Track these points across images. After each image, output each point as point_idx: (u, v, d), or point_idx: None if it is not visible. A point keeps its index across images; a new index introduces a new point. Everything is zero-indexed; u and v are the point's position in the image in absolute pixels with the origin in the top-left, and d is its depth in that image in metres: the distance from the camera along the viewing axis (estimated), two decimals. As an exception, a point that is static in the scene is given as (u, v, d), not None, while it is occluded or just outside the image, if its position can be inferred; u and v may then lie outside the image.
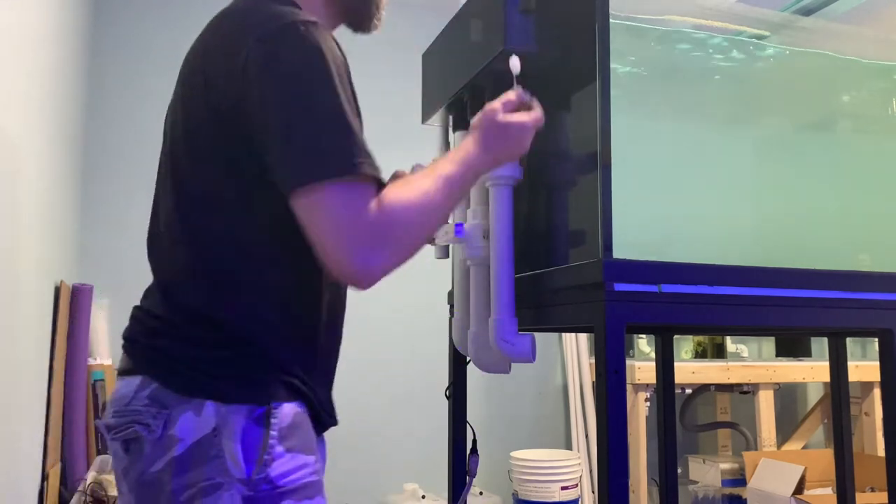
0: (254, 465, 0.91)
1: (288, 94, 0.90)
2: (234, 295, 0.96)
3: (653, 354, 2.46)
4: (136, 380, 0.95)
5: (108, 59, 3.07)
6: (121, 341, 1.01)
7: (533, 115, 1.09)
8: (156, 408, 0.92)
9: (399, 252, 0.92)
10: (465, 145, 1.05)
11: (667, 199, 1.29)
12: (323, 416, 1.04)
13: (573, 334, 3.47)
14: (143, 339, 0.98)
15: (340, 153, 0.89)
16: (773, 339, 3.16)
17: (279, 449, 0.93)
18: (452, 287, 1.50)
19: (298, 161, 0.89)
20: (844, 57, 1.45)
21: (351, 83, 0.98)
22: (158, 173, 1.09)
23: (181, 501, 0.90)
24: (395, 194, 0.92)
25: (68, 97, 2.49)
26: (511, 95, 1.10)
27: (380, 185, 0.92)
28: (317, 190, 0.88)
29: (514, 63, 1.15)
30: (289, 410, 0.96)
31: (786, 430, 3.41)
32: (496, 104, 1.08)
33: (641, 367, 2.93)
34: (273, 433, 0.93)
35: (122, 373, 0.98)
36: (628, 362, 2.94)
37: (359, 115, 0.98)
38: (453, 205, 1.00)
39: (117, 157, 3.04)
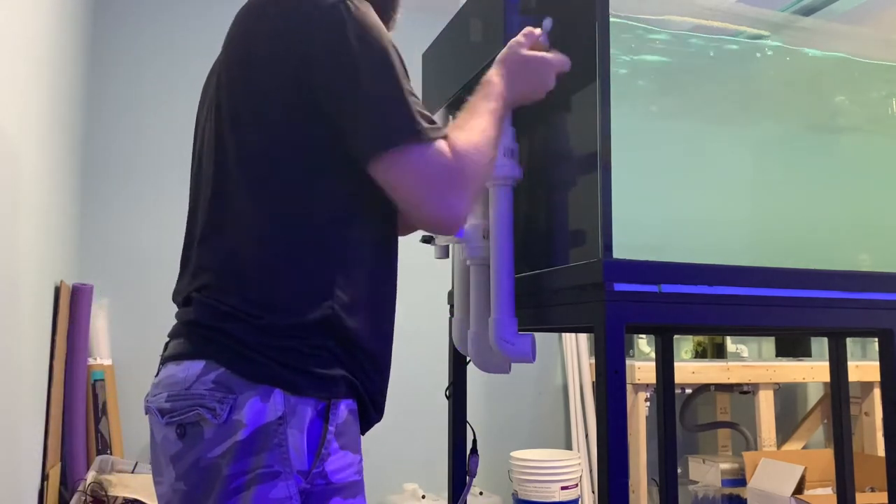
0: (314, 458, 0.92)
1: (358, 70, 0.94)
2: (303, 286, 0.95)
3: (653, 354, 2.46)
4: (197, 364, 0.93)
5: (108, 59, 3.07)
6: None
7: (556, 55, 1.14)
8: (221, 392, 0.91)
9: (476, 189, 1.00)
10: (492, 79, 1.10)
11: (667, 199, 1.29)
12: (370, 413, 1.04)
13: (573, 334, 3.47)
14: (209, 323, 0.95)
15: (413, 119, 0.94)
16: (773, 339, 3.16)
17: (335, 445, 0.95)
18: (452, 287, 1.50)
19: (378, 130, 0.94)
20: (844, 57, 1.45)
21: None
22: (194, 171, 1.08)
23: (234, 487, 0.89)
24: (462, 141, 0.98)
25: (68, 98, 2.49)
26: (535, 29, 1.16)
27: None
28: (402, 152, 0.93)
29: (547, 24, 1.19)
30: (345, 407, 0.97)
31: (786, 430, 3.41)
32: (520, 37, 1.14)
33: (641, 367, 2.93)
34: (331, 428, 0.94)
35: (176, 357, 0.96)
36: (628, 362, 2.94)
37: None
38: (500, 136, 1.08)
39: (117, 157, 3.04)
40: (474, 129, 1.01)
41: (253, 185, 0.97)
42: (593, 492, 3.28)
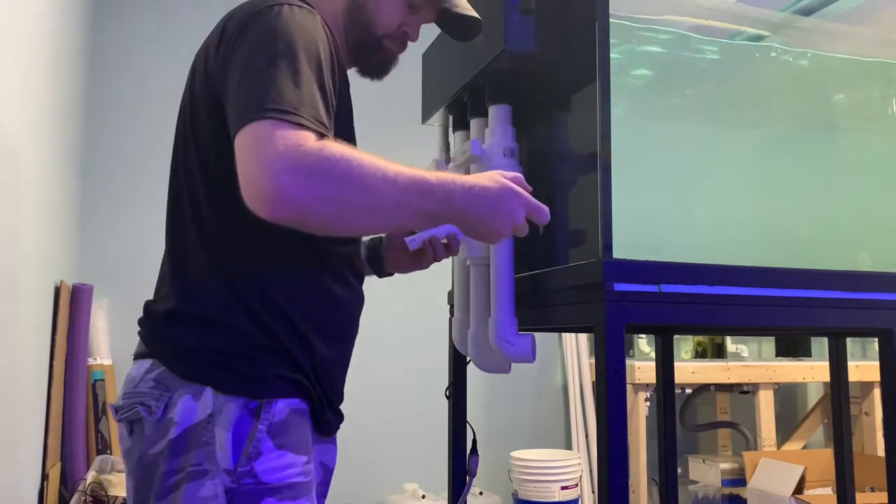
0: (240, 457, 0.92)
1: (247, 58, 0.90)
2: (248, 285, 0.97)
3: (653, 354, 2.45)
4: (146, 363, 0.97)
5: (108, 59, 3.07)
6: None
7: (537, 203, 0.99)
8: (159, 390, 0.94)
9: (323, 190, 0.81)
10: (448, 174, 0.93)
11: (667, 199, 1.29)
12: (327, 415, 1.04)
13: (573, 334, 3.47)
14: (153, 326, 1.00)
15: (288, 102, 0.84)
16: (773, 339, 3.16)
17: (268, 444, 0.93)
18: (452, 287, 1.50)
19: (243, 107, 0.85)
20: (845, 57, 1.45)
21: (335, 66, 0.97)
22: (171, 167, 1.10)
23: (169, 485, 0.91)
24: (343, 150, 0.84)
25: (69, 97, 2.49)
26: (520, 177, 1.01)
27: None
28: (256, 124, 0.83)
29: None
30: (283, 406, 0.96)
31: (786, 430, 3.41)
32: (507, 172, 0.99)
33: (641, 367, 2.93)
34: (262, 427, 0.93)
35: (136, 356, 1.00)
36: (628, 362, 2.94)
37: (336, 98, 0.96)
38: (405, 202, 0.87)
39: (117, 157, 3.04)
40: (370, 156, 0.86)
41: (183, 191, 1.01)
42: (593, 492, 3.28)
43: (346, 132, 1.02)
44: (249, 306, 0.96)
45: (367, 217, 0.87)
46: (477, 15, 1.19)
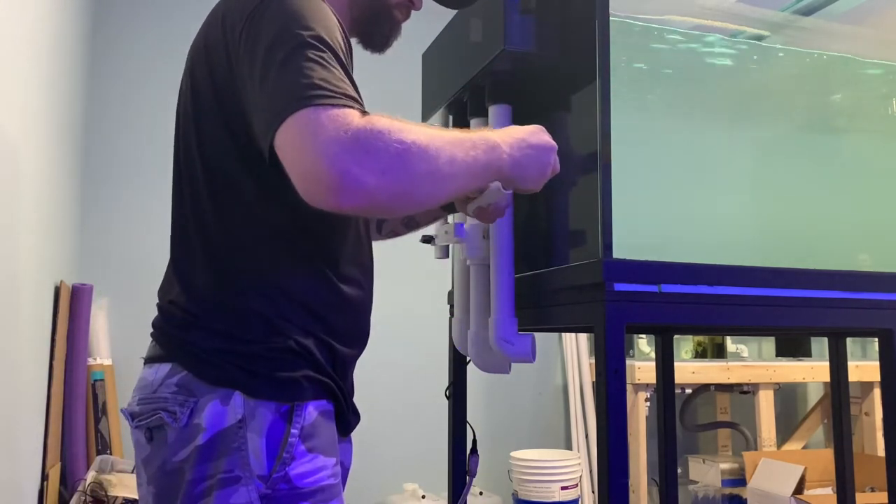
0: (274, 462, 0.90)
1: (265, 56, 0.85)
2: (261, 291, 0.94)
3: (653, 354, 2.45)
4: (164, 367, 0.93)
5: (108, 59, 3.07)
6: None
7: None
8: (183, 395, 0.90)
9: (389, 169, 0.78)
10: (488, 130, 0.96)
11: (667, 199, 1.29)
12: (348, 414, 1.03)
13: (573, 334, 3.47)
14: (173, 330, 0.96)
15: (323, 85, 0.80)
16: (773, 339, 3.16)
17: (300, 448, 0.91)
18: (452, 287, 1.49)
19: (278, 102, 0.81)
20: (844, 57, 1.45)
21: (349, 51, 0.95)
22: (173, 170, 1.08)
23: (197, 493, 0.88)
24: (388, 121, 0.81)
25: (68, 97, 2.49)
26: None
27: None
28: (298, 115, 0.78)
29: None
30: (313, 409, 0.94)
31: (786, 430, 3.41)
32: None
33: (641, 367, 2.93)
34: (295, 431, 0.91)
35: (150, 360, 0.97)
36: (628, 362, 2.94)
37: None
38: (458, 160, 0.85)
39: (117, 157, 3.04)
40: (418, 126, 0.84)
41: (197, 195, 0.98)
42: (593, 492, 3.28)
43: None
44: (266, 310, 0.94)
45: (430, 184, 0.83)
46: None
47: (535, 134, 0.99)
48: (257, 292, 0.94)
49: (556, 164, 1.02)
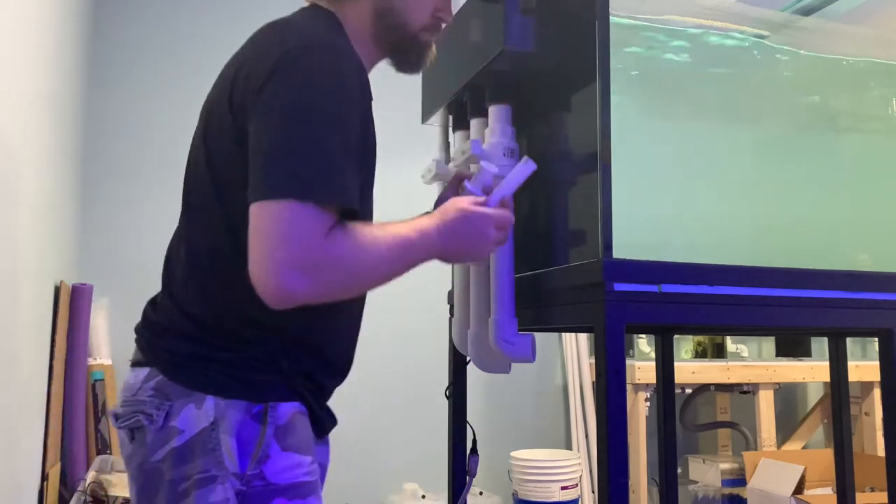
0: (248, 461, 0.94)
1: (279, 115, 0.90)
2: (230, 297, 0.97)
3: (653, 354, 2.45)
4: (144, 371, 0.98)
5: (108, 61, 3.07)
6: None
7: (499, 212, 1.05)
8: (159, 399, 0.95)
9: (324, 288, 0.91)
10: (425, 221, 1.01)
11: (667, 199, 1.29)
12: (322, 418, 1.05)
13: (573, 334, 3.47)
14: (149, 335, 1.01)
15: (314, 177, 0.88)
16: (773, 339, 3.16)
17: (275, 447, 0.95)
18: (452, 287, 1.49)
19: (269, 175, 0.88)
20: (844, 57, 1.45)
21: (364, 101, 0.97)
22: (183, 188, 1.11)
23: (179, 492, 0.92)
24: (349, 235, 0.91)
25: (68, 99, 2.49)
26: (481, 199, 1.06)
27: (345, 216, 0.92)
28: (272, 204, 0.87)
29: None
30: (287, 409, 0.98)
31: (786, 430, 3.41)
32: (466, 198, 1.05)
33: (641, 367, 2.93)
34: (269, 431, 0.95)
35: (133, 364, 1.01)
36: (628, 362, 2.94)
37: (367, 138, 0.98)
38: (396, 270, 0.96)
39: (117, 157, 3.04)
40: (371, 239, 0.93)
41: (187, 205, 1.03)
42: (593, 492, 3.28)
43: (369, 168, 1.03)
44: (245, 316, 0.96)
45: (360, 290, 1.00)
46: None
47: (471, 221, 1.02)
48: (233, 295, 0.96)
49: (502, 240, 1.08)
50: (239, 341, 0.97)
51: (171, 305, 1.01)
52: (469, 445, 1.51)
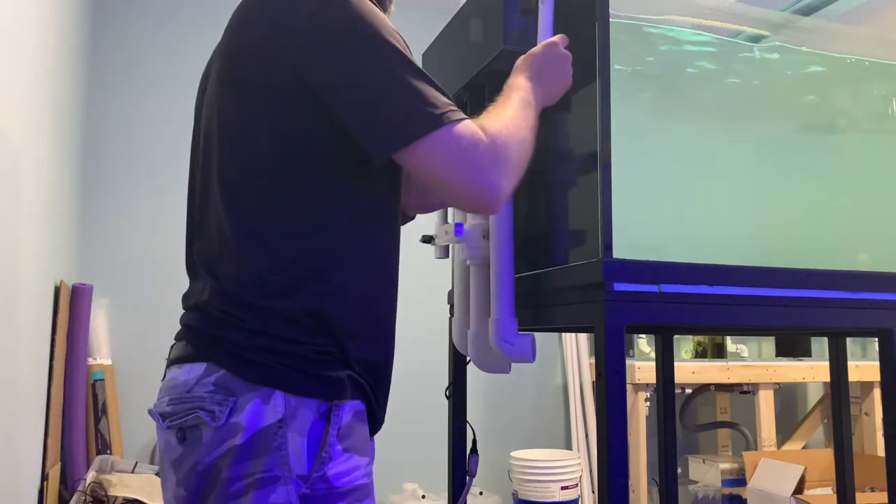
0: (314, 462, 0.90)
1: (358, 67, 0.91)
2: (303, 289, 0.94)
3: (653, 354, 2.45)
4: (198, 367, 0.92)
5: (108, 59, 3.07)
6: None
7: (554, 39, 1.13)
8: (221, 395, 0.89)
9: (518, 168, 0.96)
10: (515, 81, 1.08)
11: (667, 199, 1.29)
12: (377, 415, 1.03)
13: (573, 334, 3.47)
14: (209, 329, 0.95)
15: (428, 105, 0.91)
16: (773, 339, 3.16)
17: (337, 448, 0.92)
18: (452, 287, 1.49)
19: (391, 127, 0.91)
20: (844, 56, 1.45)
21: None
22: (192, 176, 1.07)
23: (233, 491, 0.88)
24: (491, 121, 0.96)
25: (68, 99, 2.49)
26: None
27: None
28: (428, 140, 0.90)
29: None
30: (349, 409, 0.95)
31: (786, 430, 3.41)
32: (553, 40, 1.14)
33: (641, 367, 2.93)
34: (333, 431, 0.91)
35: (179, 360, 0.95)
36: (628, 362, 2.94)
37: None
38: (534, 121, 1.04)
39: (117, 157, 3.04)
40: (502, 113, 0.99)
41: (246, 192, 0.96)
42: (593, 492, 3.28)
43: None
44: (317, 309, 0.94)
45: (529, 152, 1.01)
46: None
47: (549, 59, 1.12)
48: (302, 289, 0.94)
49: (570, 72, 1.15)
50: (309, 332, 0.93)
51: (223, 296, 0.94)
52: (469, 445, 1.50)
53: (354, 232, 0.98)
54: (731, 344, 3.14)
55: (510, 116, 0.99)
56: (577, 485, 2.95)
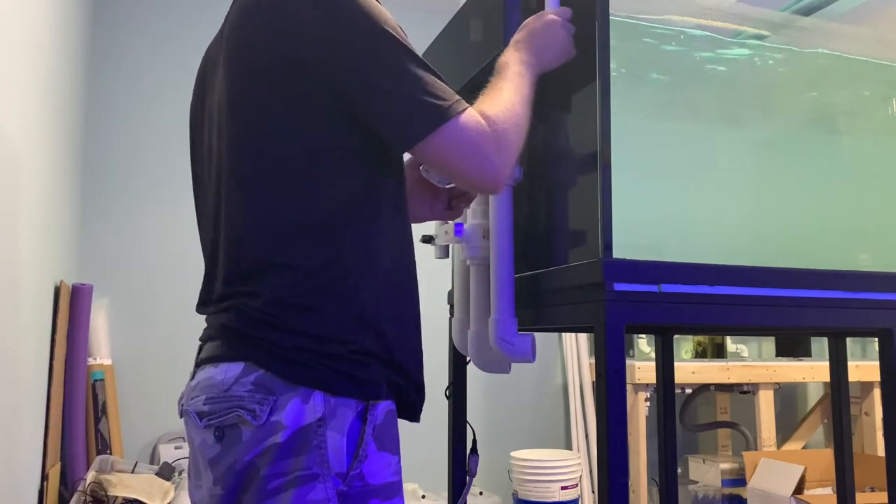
0: (352, 460, 0.92)
1: (363, 66, 0.93)
2: (340, 289, 0.95)
3: (653, 354, 2.45)
4: (236, 366, 0.92)
5: (108, 59, 3.07)
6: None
7: (556, 11, 1.15)
8: (261, 394, 0.90)
9: (517, 149, 1.01)
10: (503, 58, 1.10)
11: (667, 199, 1.29)
12: (406, 414, 1.06)
13: (573, 334, 3.47)
14: (246, 329, 0.94)
15: (432, 100, 0.94)
16: (773, 339, 3.16)
17: (373, 446, 0.95)
18: (452, 287, 1.49)
19: (402, 124, 0.95)
20: (844, 56, 1.45)
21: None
22: (199, 175, 1.07)
23: (272, 488, 0.89)
24: (489, 106, 0.99)
25: (68, 98, 2.49)
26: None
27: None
28: (437, 135, 0.93)
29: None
30: (383, 408, 0.98)
31: (786, 430, 3.41)
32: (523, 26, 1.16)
33: (641, 367, 2.93)
34: (369, 430, 0.95)
35: (214, 360, 0.95)
36: (628, 362, 2.94)
37: None
38: (530, 97, 1.07)
39: (117, 158, 3.04)
40: (497, 96, 1.02)
41: (275, 188, 0.96)
42: (593, 492, 3.28)
43: None
44: (354, 309, 0.95)
45: (526, 126, 1.05)
46: None
47: (540, 27, 1.14)
48: (337, 287, 0.95)
49: (570, 41, 1.17)
50: (342, 331, 0.94)
51: (259, 297, 0.94)
52: (469, 445, 1.50)
53: (386, 228, 1.00)
54: (731, 344, 3.14)
55: (506, 99, 1.02)
56: (577, 485, 2.95)
